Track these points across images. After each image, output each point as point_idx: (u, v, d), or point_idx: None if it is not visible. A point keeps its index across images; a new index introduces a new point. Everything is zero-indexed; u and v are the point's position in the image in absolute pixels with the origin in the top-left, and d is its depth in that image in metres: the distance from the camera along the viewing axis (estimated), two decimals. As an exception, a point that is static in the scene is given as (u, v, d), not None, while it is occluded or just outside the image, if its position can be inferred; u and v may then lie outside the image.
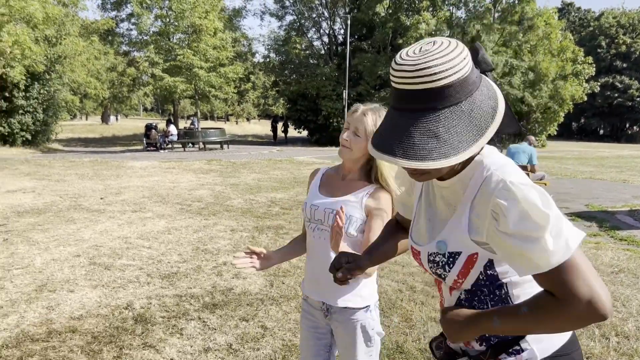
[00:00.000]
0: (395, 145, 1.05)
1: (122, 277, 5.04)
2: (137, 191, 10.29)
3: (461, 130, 1.04)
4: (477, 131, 1.05)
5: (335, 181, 2.05)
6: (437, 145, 1.03)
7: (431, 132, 1.03)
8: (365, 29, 32.04)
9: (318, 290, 2.03)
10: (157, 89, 24.73)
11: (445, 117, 1.04)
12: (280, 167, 15.14)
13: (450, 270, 1.23)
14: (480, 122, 1.06)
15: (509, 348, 1.24)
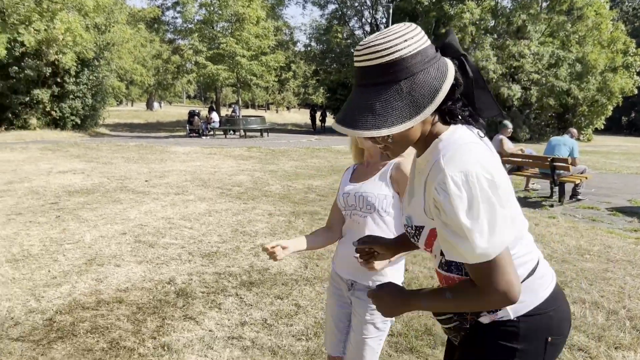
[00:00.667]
0: (343, 117, 1.21)
1: (165, 254, 5.30)
2: (180, 175, 10.64)
3: (397, 106, 1.16)
4: (413, 109, 1.17)
5: (362, 170, 2.21)
6: (372, 118, 1.16)
7: (369, 105, 1.17)
8: (407, 18, 31.68)
9: (345, 267, 2.18)
10: (201, 77, 25.24)
11: (383, 92, 1.17)
12: (318, 156, 15.30)
13: (418, 241, 1.38)
14: (418, 101, 1.17)
15: None
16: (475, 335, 1.40)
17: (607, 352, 3.41)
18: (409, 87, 1.17)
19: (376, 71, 1.18)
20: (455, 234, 1.17)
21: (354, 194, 2.12)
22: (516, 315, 1.32)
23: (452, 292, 1.29)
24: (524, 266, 1.34)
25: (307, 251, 5.46)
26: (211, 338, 3.50)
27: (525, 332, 1.33)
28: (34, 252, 5.27)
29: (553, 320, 1.35)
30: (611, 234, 6.77)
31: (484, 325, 1.37)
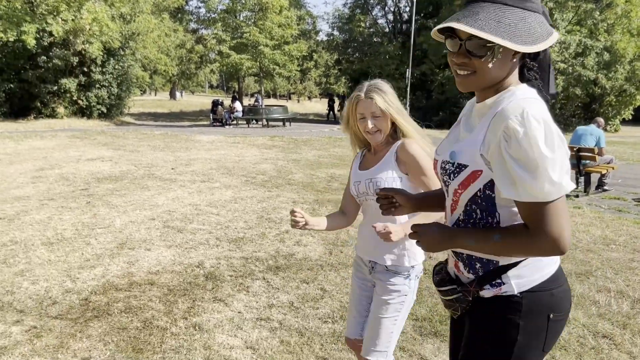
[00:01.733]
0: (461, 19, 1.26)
1: (193, 239, 5.44)
2: (205, 163, 10.81)
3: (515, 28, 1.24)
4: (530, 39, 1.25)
5: (369, 157, 2.26)
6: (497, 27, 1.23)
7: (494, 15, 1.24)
8: (431, 6, 31.34)
9: (366, 250, 2.25)
10: (224, 66, 25.38)
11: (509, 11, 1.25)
12: (340, 145, 15.34)
13: (454, 179, 1.38)
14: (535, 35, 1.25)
15: (492, 280, 1.39)
16: (477, 309, 1.44)
17: (632, 340, 3.42)
18: (532, 20, 1.26)
19: None
20: (525, 169, 1.19)
21: (364, 181, 2.17)
22: (520, 290, 1.36)
23: (501, 233, 1.30)
24: None
25: (330, 236, 5.56)
26: (240, 319, 3.60)
27: (528, 307, 1.36)
28: (67, 235, 5.45)
29: (555, 297, 1.38)
30: (638, 225, 6.70)
31: (486, 299, 1.41)
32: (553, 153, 1.18)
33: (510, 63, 1.32)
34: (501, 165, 1.25)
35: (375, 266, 2.21)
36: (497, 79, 1.33)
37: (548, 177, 1.18)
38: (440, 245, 1.39)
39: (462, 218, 1.43)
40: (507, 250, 1.32)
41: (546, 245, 1.22)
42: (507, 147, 1.22)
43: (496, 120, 1.27)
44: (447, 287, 1.49)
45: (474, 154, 1.33)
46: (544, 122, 1.19)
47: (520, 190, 1.22)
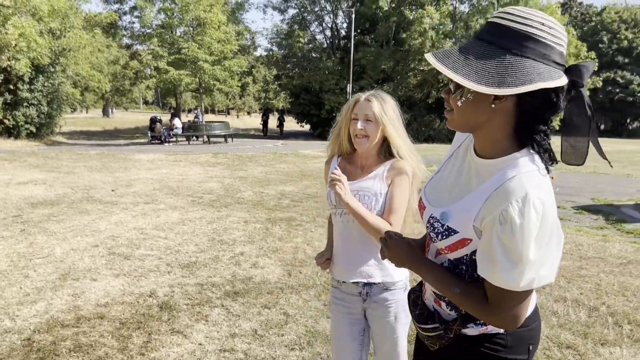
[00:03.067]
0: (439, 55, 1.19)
1: (142, 266, 5.15)
2: (147, 183, 10.39)
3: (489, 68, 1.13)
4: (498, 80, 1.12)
5: (354, 170, 2.14)
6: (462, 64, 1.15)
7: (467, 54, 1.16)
8: (368, 22, 31.99)
9: (353, 272, 2.10)
10: (161, 82, 24.74)
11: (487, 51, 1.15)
12: (287, 161, 15.23)
13: (441, 240, 1.32)
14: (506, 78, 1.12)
15: (477, 320, 1.35)
16: (458, 346, 1.39)
17: (595, 349, 3.49)
18: (510, 63, 1.13)
19: (500, 31, 1.17)
20: (508, 258, 1.14)
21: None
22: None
23: (462, 291, 1.28)
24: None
25: (287, 257, 5.44)
26: (202, 352, 3.40)
27: (512, 343, 1.35)
28: (1, 268, 5.03)
29: (534, 330, 1.39)
30: (579, 232, 6.98)
31: (467, 337, 1.38)
32: (539, 252, 1.13)
33: (490, 109, 1.19)
34: (488, 243, 1.20)
35: (370, 290, 2.09)
36: (474, 123, 1.25)
37: (526, 273, 1.14)
38: (402, 265, 1.42)
39: (447, 265, 1.39)
40: (462, 305, 1.31)
41: (499, 322, 1.24)
42: (501, 231, 1.16)
43: (495, 198, 1.19)
44: (429, 326, 1.42)
45: (467, 224, 1.26)
46: (542, 214, 1.12)
47: (495, 274, 1.18)
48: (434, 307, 1.45)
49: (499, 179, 1.21)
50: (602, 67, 45.05)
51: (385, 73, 29.54)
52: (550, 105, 1.17)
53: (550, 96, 1.16)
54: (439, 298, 1.43)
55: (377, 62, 28.87)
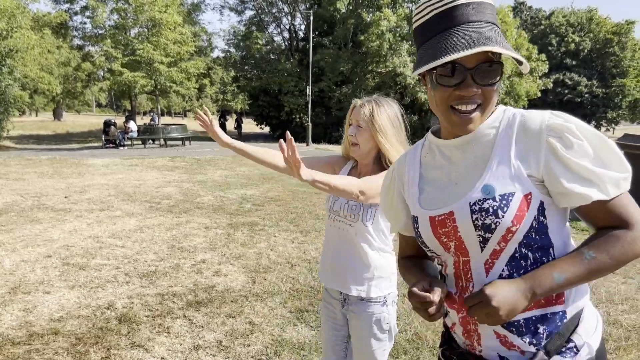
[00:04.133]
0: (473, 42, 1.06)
1: (99, 277, 4.93)
2: (102, 189, 10.04)
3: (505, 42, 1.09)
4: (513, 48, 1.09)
5: (355, 176, 2.08)
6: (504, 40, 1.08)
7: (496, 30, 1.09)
8: (326, 25, 32.05)
9: (334, 279, 2.08)
10: (115, 85, 24.03)
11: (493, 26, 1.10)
12: (247, 164, 15.03)
13: (504, 215, 1.08)
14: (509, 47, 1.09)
15: (562, 346, 1.12)
16: None
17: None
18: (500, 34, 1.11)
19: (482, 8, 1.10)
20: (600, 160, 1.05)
21: (342, 201, 2.03)
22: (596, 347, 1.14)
23: (594, 248, 1.05)
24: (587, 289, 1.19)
25: (250, 263, 5.31)
26: (165, 366, 3.26)
27: None
28: (-55, 283, 4.72)
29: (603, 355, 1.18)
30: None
31: None
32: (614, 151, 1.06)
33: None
34: (567, 170, 1.06)
35: (347, 298, 2.05)
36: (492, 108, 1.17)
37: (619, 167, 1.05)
38: (520, 307, 1.05)
39: (505, 274, 1.12)
40: (605, 266, 1.05)
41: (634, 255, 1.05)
42: (565, 147, 1.05)
43: (524, 137, 1.10)
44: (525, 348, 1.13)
45: (517, 176, 1.09)
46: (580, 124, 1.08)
47: (599, 189, 1.04)
48: (499, 355, 1.16)
49: (506, 126, 1.14)
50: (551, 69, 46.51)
51: (344, 75, 29.64)
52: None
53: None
54: (506, 329, 1.13)
55: (336, 64, 28.95)
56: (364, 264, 1.99)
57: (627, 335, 3.70)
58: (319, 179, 1.71)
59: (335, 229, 2.06)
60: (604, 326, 3.87)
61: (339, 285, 2.06)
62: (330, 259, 2.09)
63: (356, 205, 1.98)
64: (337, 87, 29.82)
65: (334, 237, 2.07)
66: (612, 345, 3.56)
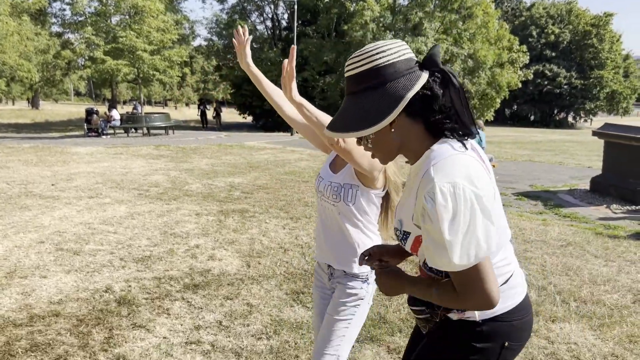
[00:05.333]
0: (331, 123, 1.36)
1: (94, 261, 4.98)
2: (89, 177, 10.00)
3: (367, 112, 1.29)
4: (379, 115, 1.27)
5: (339, 159, 2.19)
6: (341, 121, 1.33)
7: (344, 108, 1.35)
8: (309, 14, 31.95)
9: (321, 252, 2.22)
10: (97, 73, 23.70)
11: (358, 99, 1.31)
12: (232, 153, 15.04)
13: (405, 244, 1.43)
14: (383, 108, 1.27)
15: None
16: (442, 329, 1.51)
17: (546, 325, 3.71)
18: (380, 95, 1.28)
19: (355, 80, 1.33)
20: (436, 243, 1.23)
21: (325, 182, 2.14)
22: (481, 317, 1.43)
23: (438, 289, 1.36)
24: (501, 276, 1.43)
25: (244, 248, 5.40)
26: (168, 345, 3.35)
27: (486, 333, 1.44)
28: (-61, 268, 4.73)
29: (514, 328, 1.46)
30: (521, 217, 7.33)
31: (452, 321, 1.48)
32: (456, 233, 1.20)
33: (394, 133, 1.33)
34: (424, 235, 1.31)
35: (333, 272, 2.17)
36: (393, 149, 1.39)
37: (455, 254, 1.21)
38: (392, 291, 1.49)
39: (422, 263, 1.52)
40: (444, 302, 1.38)
41: (472, 304, 1.30)
42: (423, 222, 1.27)
43: (419, 192, 1.30)
44: (417, 307, 1.54)
45: (410, 222, 1.37)
46: (453, 196, 1.20)
47: (435, 260, 1.27)
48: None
49: (420, 176, 1.31)
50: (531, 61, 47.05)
51: (327, 65, 29.64)
52: (430, 97, 1.29)
53: (424, 93, 1.29)
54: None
55: (320, 53, 28.92)
56: (347, 242, 2.10)
57: (609, 313, 3.90)
58: (307, 107, 1.87)
59: (322, 208, 2.18)
60: (590, 305, 4.06)
61: (327, 260, 2.19)
62: (320, 236, 2.22)
63: (337, 186, 2.07)
64: (320, 76, 29.79)
65: (322, 215, 2.20)
66: (596, 322, 3.75)
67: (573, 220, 7.23)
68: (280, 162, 12.96)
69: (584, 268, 5.01)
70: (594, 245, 5.85)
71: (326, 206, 2.13)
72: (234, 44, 2.14)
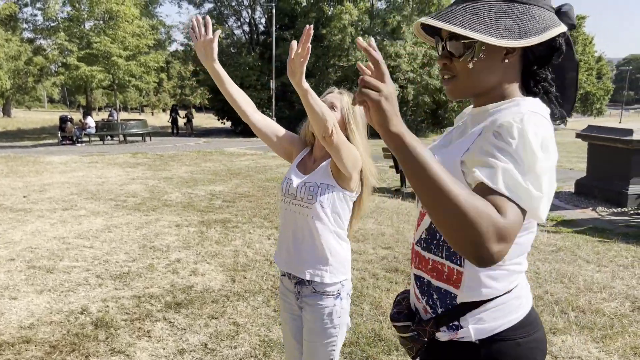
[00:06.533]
0: (439, 13, 1.11)
1: (68, 279, 4.70)
2: (63, 188, 9.63)
3: (502, 21, 1.07)
4: (518, 32, 1.06)
5: (308, 161, 2.11)
6: (472, 18, 1.07)
7: (475, 8, 1.09)
8: (287, 18, 31.73)
9: (290, 263, 2.06)
10: (71, 79, 23.13)
11: (492, 3, 1.09)
12: (212, 159, 14.75)
13: None
14: (525, 28, 1.07)
15: (450, 322, 1.20)
16: (431, 353, 1.27)
17: (548, 339, 3.55)
18: (521, 12, 1.08)
19: None
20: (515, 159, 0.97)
21: (298, 183, 2.02)
22: (478, 337, 1.17)
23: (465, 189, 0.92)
24: (508, 279, 1.19)
25: (227, 261, 5.17)
26: (149, 373, 3.11)
27: (486, 358, 1.17)
28: None
29: (522, 348, 1.18)
30: (509, 222, 7.22)
31: (440, 343, 1.23)
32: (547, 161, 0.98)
33: (502, 66, 1.13)
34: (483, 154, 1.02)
35: (301, 290, 2.02)
36: (486, 84, 1.15)
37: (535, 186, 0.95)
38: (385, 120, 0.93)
39: (424, 237, 1.26)
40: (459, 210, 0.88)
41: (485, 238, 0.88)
42: (496, 141, 1.01)
43: (489, 125, 1.08)
44: (401, 323, 1.31)
45: (453, 162, 1.11)
46: (542, 137, 0.99)
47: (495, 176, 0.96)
48: (415, 306, 1.33)
49: (496, 114, 1.12)
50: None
51: (306, 69, 29.41)
52: (555, 49, 1.14)
53: (555, 41, 1.12)
54: (415, 282, 1.30)
55: (298, 57, 28.66)
56: (319, 248, 1.98)
57: (610, 324, 3.77)
58: (313, 96, 1.74)
59: (290, 213, 2.04)
60: (589, 315, 3.93)
61: (294, 270, 2.03)
62: (286, 243, 2.06)
63: (313, 185, 1.97)
64: (299, 81, 29.55)
65: (289, 222, 2.05)
66: (598, 333, 3.61)
67: (560, 224, 7.15)
68: (262, 169, 12.73)
69: (577, 274, 4.89)
70: (585, 250, 5.75)
71: (296, 210, 2.01)
72: (192, 37, 1.91)
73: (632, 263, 5.27)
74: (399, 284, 4.60)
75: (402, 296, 1.44)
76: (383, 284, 4.60)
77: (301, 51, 1.61)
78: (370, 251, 5.59)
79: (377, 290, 4.43)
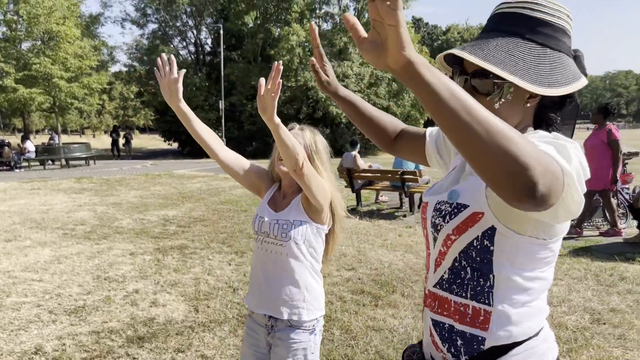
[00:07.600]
0: (472, 46, 1.08)
1: (18, 317, 4.41)
2: (4, 217, 9.12)
3: (532, 65, 1.05)
4: (548, 80, 1.05)
5: (278, 197, 2.11)
6: (507, 58, 1.04)
7: (506, 47, 1.06)
8: (234, 39, 31.71)
9: (260, 302, 2.02)
10: (7, 102, 22.09)
11: (526, 46, 1.07)
12: (161, 182, 14.37)
13: (449, 222, 1.13)
14: (557, 76, 1.06)
15: None
16: None
17: None
18: (553, 60, 1.07)
19: (534, 24, 1.08)
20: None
21: (270, 221, 2.00)
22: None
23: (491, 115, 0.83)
24: (536, 318, 1.14)
25: (188, 290, 5.01)
26: (116, 415, 2.94)
27: None
28: None
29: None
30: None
31: None
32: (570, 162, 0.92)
33: (523, 109, 1.12)
34: None
35: (275, 324, 1.98)
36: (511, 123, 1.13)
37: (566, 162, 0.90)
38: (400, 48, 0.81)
39: (446, 277, 1.17)
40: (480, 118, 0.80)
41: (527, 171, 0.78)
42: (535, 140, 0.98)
43: None
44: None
45: (479, 193, 1.10)
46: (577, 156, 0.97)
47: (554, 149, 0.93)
48: (432, 356, 1.23)
49: None
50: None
51: (255, 89, 29.34)
52: (568, 97, 1.14)
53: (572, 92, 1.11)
54: (434, 328, 1.19)
55: (247, 78, 28.66)
56: (295, 286, 1.97)
57: (574, 337, 3.88)
58: (284, 129, 1.74)
59: (263, 252, 2.02)
60: (553, 330, 4.03)
61: (269, 310, 2.00)
62: (258, 283, 2.03)
63: (287, 223, 1.96)
64: (248, 101, 29.52)
65: (262, 260, 2.03)
66: (564, 347, 3.71)
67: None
68: (214, 191, 12.51)
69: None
70: (540, 264, 5.93)
71: (270, 248, 1.99)
72: (157, 76, 1.87)
73: (585, 275, 5.47)
74: (366, 306, 4.58)
75: (410, 351, 1.33)
76: (351, 306, 4.57)
77: (271, 87, 1.59)
78: (334, 273, 5.55)
79: (346, 314, 4.39)
